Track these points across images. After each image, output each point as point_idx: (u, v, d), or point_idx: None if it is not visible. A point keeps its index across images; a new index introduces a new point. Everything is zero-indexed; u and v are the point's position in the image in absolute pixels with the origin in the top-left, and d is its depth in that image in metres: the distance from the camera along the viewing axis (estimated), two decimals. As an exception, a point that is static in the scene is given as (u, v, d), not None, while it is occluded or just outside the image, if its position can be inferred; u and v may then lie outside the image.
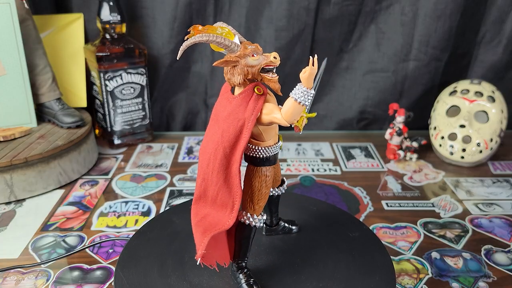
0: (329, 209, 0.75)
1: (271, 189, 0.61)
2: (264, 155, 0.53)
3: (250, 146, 0.53)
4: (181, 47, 0.48)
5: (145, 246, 0.64)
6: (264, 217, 0.55)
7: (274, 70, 0.50)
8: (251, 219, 0.53)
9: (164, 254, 0.62)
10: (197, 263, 0.51)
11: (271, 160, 0.54)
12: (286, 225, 0.67)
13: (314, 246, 0.64)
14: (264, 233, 0.66)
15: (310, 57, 0.46)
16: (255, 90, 0.49)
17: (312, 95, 0.47)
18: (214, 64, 0.49)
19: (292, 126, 0.55)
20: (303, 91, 0.46)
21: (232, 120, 0.49)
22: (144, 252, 0.63)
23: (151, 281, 0.57)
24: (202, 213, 0.53)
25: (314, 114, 0.56)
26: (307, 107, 0.56)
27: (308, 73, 0.46)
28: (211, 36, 0.48)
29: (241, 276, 0.55)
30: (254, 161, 0.53)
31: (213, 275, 0.58)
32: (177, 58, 0.48)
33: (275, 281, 0.57)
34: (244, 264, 0.56)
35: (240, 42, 0.50)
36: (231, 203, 0.50)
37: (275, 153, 0.54)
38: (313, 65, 0.45)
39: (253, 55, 0.49)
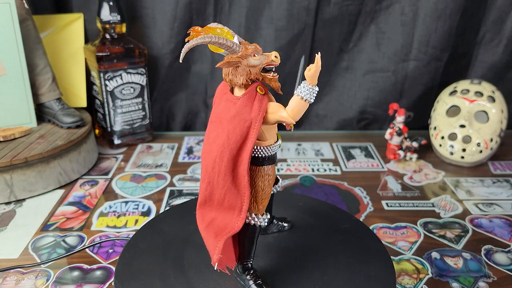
0: (329, 209, 0.75)
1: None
2: (266, 154, 0.53)
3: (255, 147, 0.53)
4: (183, 49, 0.47)
5: (145, 246, 0.64)
6: (268, 216, 0.55)
7: (274, 69, 0.50)
8: (256, 219, 0.53)
9: (164, 254, 0.62)
10: (215, 269, 0.51)
11: (272, 159, 0.54)
12: (280, 223, 0.67)
13: (313, 246, 0.64)
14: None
15: (316, 54, 0.47)
16: (258, 90, 0.49)
17: (315, 91, 0.48)
18: (217, 66, 0.49)
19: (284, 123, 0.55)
20: (308, 89, 0.47)
21: (238, 121, 0.49)
22: (144, 252, 0.63)
23: (151, 281, 0.57)
24: (209, 218, 0.52)
25: None
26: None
27: (314, 71, 0.47)
28: (213, 37, 0.48)
29: (248, 277, 0.54)
30: (257, 161, 0.53)
31: (209, 272, 0.58)
32: (180, 61, 0.48)
33: (281, 279, 0.57)
34: (250, 264, 0.56)
35: (240, 43, 0.50)
36: (239, 204, 0.50)
37: (275, 152, 0.54)
38: (318, 62, 0.46)
39: (254, 55, 0.49)
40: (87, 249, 0.76)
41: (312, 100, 0.48)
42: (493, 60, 1.23)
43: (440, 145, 1.11)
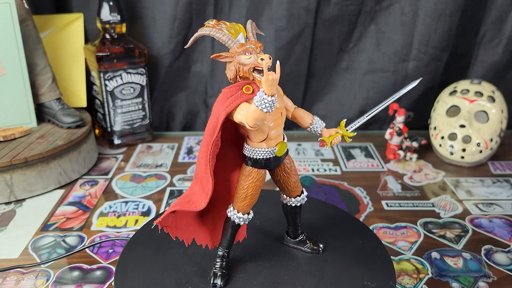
0: (329, 209, 0.75)
1: (287, 198, 0.60)
2: (251, 156, 0.53)
3: (244, 144, 0.54)
4: (191, 38, 0.50)
5: (145, 246, 0.64)
6: (247, 216, 0.55)
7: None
8: (232, 213, 0.55)
9: (164, 254, 0.62)
10: (152, 227, 0.53)
11: (260, 163, 0.53)
12: (310, 243, 0.63)
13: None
14: (284, 242, 0.64)
15: (263, 62, 0.46)
16: (243, 89, 0.50)
17: (269, 102, 0.45)
18: (211, 57, 0.50)
19: (318, 139, 0.55)
20: (260, 97, 0.46)
21: (213, 112, 0.51)
22: (144, 252, 0.63)
23: (151, 281, 0.57)
24: (193, 190, 0.55)
25: (353, 134, 0.57)
26: (351, 127, 0.57)
27: (265, 79, 0.45)
28: (212, 30, 0.49)
29: (217, 263, 0.57)
30: (244, 159, 0.54)
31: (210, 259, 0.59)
32: (184, 47, 0.50)
33: (247, 283, 0.57)
34: (223, 253, 0.57)
35: (248, 41, 0.50)
36: (207, 189, 0.52)
37: (264, 157, 0.53)
38: (272, 71, 0.45)
39: (245, 54, 0.49)
40: (87, 249, 0.76)
41: (267, 110, 0.46)
42: (493, 60, 1.23)
43: (440, 145, 1.11)
